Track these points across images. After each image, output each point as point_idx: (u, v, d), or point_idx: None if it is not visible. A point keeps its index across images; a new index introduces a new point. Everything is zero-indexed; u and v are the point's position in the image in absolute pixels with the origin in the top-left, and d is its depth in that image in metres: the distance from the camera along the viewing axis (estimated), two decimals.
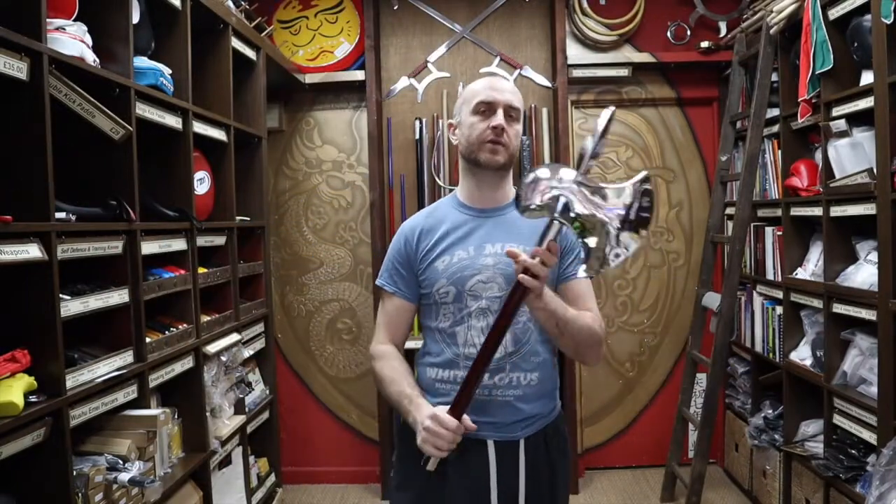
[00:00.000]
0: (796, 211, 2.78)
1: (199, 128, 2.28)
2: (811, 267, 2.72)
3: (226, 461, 2.48)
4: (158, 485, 1.78)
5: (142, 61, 1.98)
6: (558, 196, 1.24)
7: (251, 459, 2.75)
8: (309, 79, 3.47)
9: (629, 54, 3.48)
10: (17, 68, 1.43)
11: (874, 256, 2.28)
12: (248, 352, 2.70)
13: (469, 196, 1.57)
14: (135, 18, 1.91)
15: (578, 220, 1.24)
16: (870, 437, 2.25)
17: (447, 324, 1.50)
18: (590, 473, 3.63)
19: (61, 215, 1.59)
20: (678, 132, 3.66)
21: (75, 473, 1.57)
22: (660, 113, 3.66)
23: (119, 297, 1.80)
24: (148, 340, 1.93)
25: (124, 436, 1.78)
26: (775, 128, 2.98)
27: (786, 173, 2.83)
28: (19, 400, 1.41)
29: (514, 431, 1.49)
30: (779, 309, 2.94)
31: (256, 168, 2.90)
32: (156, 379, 1.97)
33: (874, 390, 2.24)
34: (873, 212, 2.21)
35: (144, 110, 1.93)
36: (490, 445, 1.48)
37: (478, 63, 3.50)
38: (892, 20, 2.01)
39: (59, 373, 1.54)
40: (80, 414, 1.63)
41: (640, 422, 3.71)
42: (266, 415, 2.93)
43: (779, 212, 2.93)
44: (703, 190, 3.65)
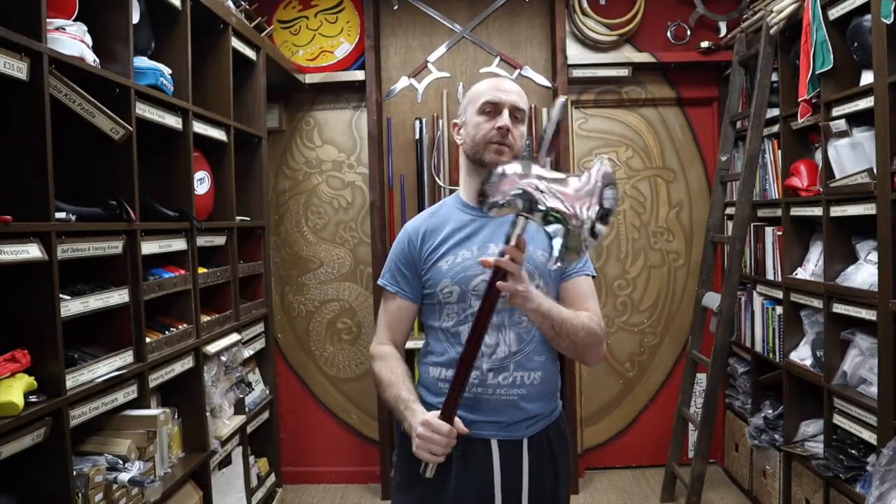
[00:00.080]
0: (796, 211, 2.78)
1: (199, 128, 2.28)
2: (811, 267, 2.72)
3: (226, 461, 2.48)
4: (158, 485, 1.78)
5: (142, 61, 1.98)
6: (522, 191, 1.23)
7: (251, 459, 2.75)
8: (309, 79, 3.47)
9: (629, 54, 3.48)
10: (17, 68, 1.43)
11: (874, 256, 2.28)
12: (248, 352, 2.70)
13: (472, 196, 1.57)
14: (135, 18, 1.91)
15: (543, 213, 1.23)
16: (870, 437, 2.25)
17: (451, 323, 1.51)
18: (590, 473, 3.63)
19: (61, 215, 1.59)
20: (678, 132, 3.66)
21: (75, 473, 1.57)
22: (660, 113, 3.65)
23: (119, 297, 1.80)
24: (148, 340, 1.93)
25: (124, 436, 1.78)
26: (775, 128, 2.98)
27: (786, 173, 2.83)
28: (19, 400, 1.41)
29: (518, 431, 1.49)
30: (779, 309, 2.94)
31: (256, 168, 2.90)
32: (156, 379, 1.98)
33: (874, 390, 2.24)
34: (873, 212, 2.21)
35: (144, 110, 1.93)
36: (494, 445, 1.47)
37: (478, 63, 3.51)
38: (892, 20, 2.01)
39: (59, 373, 1.54)
40: (80, 414, 1.63)
41: (640, 422, 3.71)
42: (266, 415, 2.93)
43: (779, 212, 2.93)
44: (703, 190, 3.65)
